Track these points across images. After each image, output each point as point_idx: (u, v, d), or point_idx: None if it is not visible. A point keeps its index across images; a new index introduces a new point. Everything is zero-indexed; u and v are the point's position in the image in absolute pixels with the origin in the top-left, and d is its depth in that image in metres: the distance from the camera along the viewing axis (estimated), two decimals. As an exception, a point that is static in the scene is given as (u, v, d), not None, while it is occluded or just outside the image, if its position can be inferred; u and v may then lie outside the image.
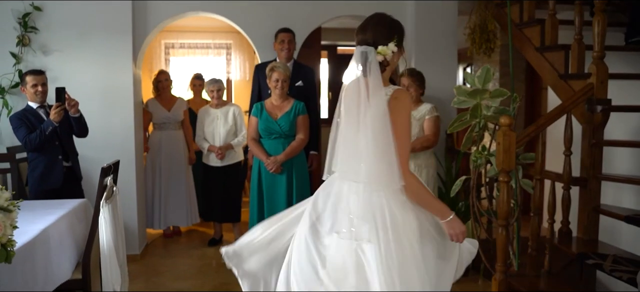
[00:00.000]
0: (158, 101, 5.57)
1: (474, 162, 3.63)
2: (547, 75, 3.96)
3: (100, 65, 4.70)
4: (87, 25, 4.65)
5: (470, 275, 4.50)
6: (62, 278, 3.14)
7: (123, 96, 4.76)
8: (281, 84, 4.22)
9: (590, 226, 3.54)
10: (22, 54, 4.55)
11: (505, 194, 3.26)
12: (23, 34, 4.53)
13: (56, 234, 3.11)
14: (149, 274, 4.57)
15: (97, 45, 4.68)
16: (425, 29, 5.11)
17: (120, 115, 4.76)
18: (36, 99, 3.96)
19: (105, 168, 3.23)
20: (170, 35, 8.13)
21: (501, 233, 3.31)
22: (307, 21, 5.13)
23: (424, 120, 4.11)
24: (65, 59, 4.64)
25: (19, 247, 2.63)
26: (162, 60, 8.16)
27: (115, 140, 4.74)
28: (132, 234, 4.86)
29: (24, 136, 3.83)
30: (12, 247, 1.73)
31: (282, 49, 4.66)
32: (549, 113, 3.44)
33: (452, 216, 2.20)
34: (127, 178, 4.76)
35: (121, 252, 3.45)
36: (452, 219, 2.19)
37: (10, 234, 1.68)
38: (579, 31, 3.61)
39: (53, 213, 3.26)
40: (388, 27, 2.22)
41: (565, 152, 3.44)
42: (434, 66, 5.03)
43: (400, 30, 2.23)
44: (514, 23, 4.28)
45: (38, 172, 3.91)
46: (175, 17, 5.01)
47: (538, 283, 3.28)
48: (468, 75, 3.66)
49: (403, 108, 2.15)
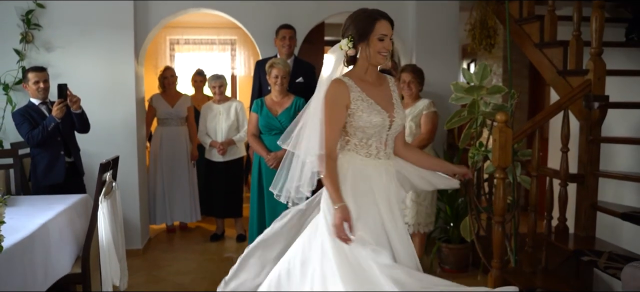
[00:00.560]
0: (162, 97, 5.62)
1: (471, 158, 3.63)
2: (546, 72, 3.95)
3: (102, 61, 4.75)
4: (89, 22, 4.70)
5: (470, 271, 4.53)
6: (62, 272, 3.19)
7: (125, 92, 4.81)
8: (281, 80, 4.24)
9: (588, 222, 3.53)
10: (26, 51, 4.61)
11: (501, 190, 3.27)
12: (26, 31, 4.58)
13: (56, 229, 3.16)
14: (150, 268, 4.63)
15: (99, 42, 4.72)
16: (426, 24, 5.11)
17: (122, 111, 4.81)
18: (38, 95, 4.02)
19: (104, 164, 3.27)
20: (175, 31, 8.17)
21: (497, 229, 3.31)
22: (308, 17, 5.16)
23: (421, 116, 4.11)
24: (68, 56, 4.69)
25: (18, 242, 2.70)
26: (167, 56, 8.21)
27: (117, 136, 4.79)
28: (134, 229, 4.91)
29: (27, 132, 3.88)
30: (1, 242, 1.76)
31: (283, 45, 4.67)
32: (545, 109, 3.43)
33: (337, 206, 2.28)
34: (129, 173, 4.81)
35: (120, 247, 3.49)
36: (337, 208, 2.27)
37: None
38: (577, 27, 3.60)
39: (54, 208, 3.31)
40: (345, 25, 2.39)
41: (562, 149, 3.44)
42: (435, 62, 5.04)
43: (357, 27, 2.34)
44: (514, 19, 4.27)
45: (41, 167, 3.97)
46: (176, 14, 5.04)
47: (534, 280, 3.28)
48: (465, 72, 3.66)
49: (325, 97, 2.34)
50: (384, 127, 2.39)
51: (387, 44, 2.35)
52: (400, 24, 5.26)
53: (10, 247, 2.61)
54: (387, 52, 2.37)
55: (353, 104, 2.32)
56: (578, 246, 3.39)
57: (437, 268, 4.63)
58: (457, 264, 4.53)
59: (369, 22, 2.32)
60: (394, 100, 2.47)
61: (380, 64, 2.45)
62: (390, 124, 2.41)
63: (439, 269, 4.61)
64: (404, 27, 5.26)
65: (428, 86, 4.99)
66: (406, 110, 4.17)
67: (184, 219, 5.75)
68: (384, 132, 2.41)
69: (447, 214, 4.59)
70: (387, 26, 2.35)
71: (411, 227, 4.15)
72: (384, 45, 2.34)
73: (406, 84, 4.19)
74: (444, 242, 4.55)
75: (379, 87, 2.45)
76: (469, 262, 4.54)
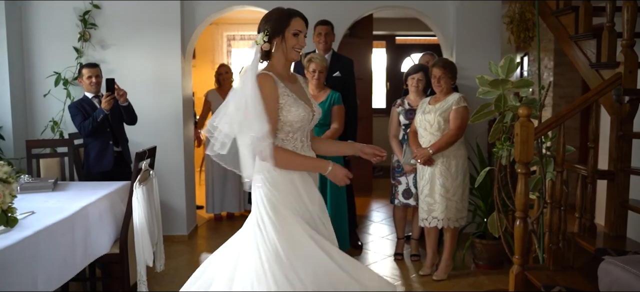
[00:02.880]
0: (218, 92, 5.95)
1: (495, 153, 3.59)
2: (580, 65, 3.82)
3: (151, 58, 5.07)
4: (140, 21, 5.02)
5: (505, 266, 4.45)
6: (101, 251, 3.48)
7: (172, 87, 5.10)
8: (317, 74, 4.37)
9: (618, 221, 3.41)
10: (83, 49, 5.00)
11: (523, 185, 3.22)
12: (84, 30, 4.97)
13: (96, 212, 3.45)
14: (193, 253, 4.89)
15: (148, 39, 5.04)
16: (467, 17, 5.07)
17: (169, 105, 5.11)
18: (91, 89, 4.36)
19: (140, 153, 3.53)
20: (232, 28, 8.49)
21: (519, 225, 3.27)
22: (348, 14, 5.24)
23: (450, 111, 4.08)
24: (121, 53, 5.05)
25: (60, 221, 3.00)
26: (224, 52, 8.55)
27: (164, 128, 5.10)
28: (180, 216, 5.21)
29: (79, 123, 4.24)
30: (13, 214, 2.01)
31: (319, 41, 4.78)
32: (572, 104, 3.34)
33: (331, 167, 2.45)
34: (175, 163, 5.12)
35: (156, 231, 3.74)
36: (332, 169, 2.45)
37: (10, 202, 1.96)
38: (611, 18, 3.46)
39: (97, 193, 3.60)
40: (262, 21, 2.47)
41: (590, 144, 3.34)
42: (476, 55, 4.99)
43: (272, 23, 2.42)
44: (551, 10, 4.15)
45: (92, 156, 4.31)
46: (221, 12, 5.28)
47: (556, 277, 3.21)
48: (492, 65, 3.62)
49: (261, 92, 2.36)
50: (308, 121, 2.48)
51: (302, 40, 2.45)
52: (441, 17, 5.24)
53: (52, 225, 2.92)
54: (301, 48, 2.46)
55: (281, 99, 2.41)
56: (606, 245, 3.28)
57: (471, 264, 4.59)
58: (490, 260, 4.47)
59: (285, 19, 2.42)
60: (308, 96, 2.58)
61: (295, 60, 2.53)
62: (312, 117, 2.51)
63: (473, 265, 4.57)
64: (444, 20, 5.23)
65: (467, 79, 4.95)
66: (436, 105, 4.17)
67: (232, 210, 6.03)
68: (307, 126, 2.51)
69: (481, 210, 4.54)
70: (302, 24, 2.45)
71: (441, 222, 4.15)
72: (298, 41, 2.43)
73: (436, 80, 4.16)
74: (478, 238, 4.50)
75: (295, 84, 2.55)
76: (503, 258, 4.47)
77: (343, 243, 4.50)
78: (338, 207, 4.40)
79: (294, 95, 2.45)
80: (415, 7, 5.22)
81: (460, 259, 4.53)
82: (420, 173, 4.26)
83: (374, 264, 4.68)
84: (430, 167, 4.14)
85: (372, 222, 6.08)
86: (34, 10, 5.02)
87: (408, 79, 4.56)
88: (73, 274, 3.14)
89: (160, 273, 4.01)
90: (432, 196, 4.15)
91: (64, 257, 3.04)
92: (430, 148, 4.08)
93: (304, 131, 2.52)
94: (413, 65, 4.66)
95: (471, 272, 4.45)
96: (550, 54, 6.06)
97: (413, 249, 4.78)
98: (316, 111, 2.56)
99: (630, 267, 2.18)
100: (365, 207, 6.73)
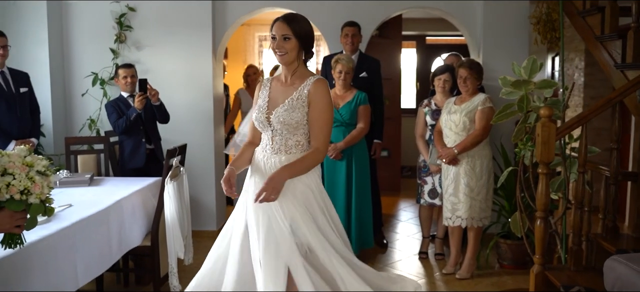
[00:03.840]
0: (247, 91, 6.14)
1: (517, 153, 3.61)
2: (606, 65, 3.81)
3: (184, 58, 5.25)
4: (173, 22, 5.21)
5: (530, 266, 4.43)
6: (134, 243, 3.66)
7: (204, 87, 5.27)
8: (344, 75, 4.46)
9: (641, 222, 3.40)
10: (119, 50, 5.22)
11: (544, 186, 3.24)
12: (120, 32, 5.19)
13: (129, 206, 3.63)
14: (222, 247, 5.03)
15: (181, 40, 5.22)
16: (494, 17, 5.08)
17: (201, 104, 5.27)
18: (126, 89, 4.56)
19: (171, 150, 3.69)
20: (264, 29, 8.63)
21: (539, 225, 3.30)
22: (375, 14, 5.30)
23: (476, 111, 4.12)
24: (155, 53, 5.24)
25: (95, 213, 3.19)
26: (255, 52, 8.70)
27: (196, 127, 5.27)
28: (210, 212, 5.37)
29: (114, 121, 4.44)
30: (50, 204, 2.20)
31: (346, 42, 4.86)
32: (595, 105, 3.34)
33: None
34: (205, 160, 5.29)
35: (186, 225, 3.89)
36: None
37: (47, 193, 2.15)
38: (637, 18, 3.44)
39: (130, 188, 3.78)
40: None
41: (612, 145, 3.33)
42: (504, 56, 4.99)
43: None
44: (578, 11, 4.13)
45: (125, 153, 4.50)
46: (252, 13, 5.44)
47: (576, 278, 3.22)
48: (515, 66, 3.63)
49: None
50: (263, 124, 2.57)
51: (278, 43, 2.49)
52: (467, 17, 5.26)
53: (88, 217, 3.12)
54: (279, 50, 2.50)
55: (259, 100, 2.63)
56: (628, 246, 3.27)
57: (495, 264, 4.61)
58: (515, 260, 4.48)
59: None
60: (288, 100, 2.54)
61: (280, 63, 2.59)
62: (267, 120, 2.56)
63: (497, 265, 4.58)
64: (471, 21, 5.25)
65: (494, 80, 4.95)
66: (461, 105, 4.21)
67: (262, 206, 6.17)
68: (267, 129, 2.58)
69: (505, 210, 4.55)
70: (278, 26, 2.49)
71: (464, 221, 4.19)
72: (275, 44, 2.51)
73: (462, 80, 4.20)
74: (502, 238, 4.51)
75: (290, 87, 2.58)
76: (527, 258, 4.47)
77: (367, 241, 4.59)
78: (362, 206, 4.49)
79: (263, 97, 2.61)
80: (442, 8, 5.26)
81: (485, 259, 4.55)
82: (444, 172, 4.31)
83: (399, 262, 4.75)
84: (455, 167, 4.18)
85: (399, 221, 6.13)
86: (72, 10, 5.24)
87: (435, 79, 4.60)
88: (110, 264, 3.33)
89: (189, 266, 4.15)
90: (457, 195, 4.19)
91: (100, 248, 3.22)
92: (456, 148, 4.12)
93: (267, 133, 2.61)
94: (440, 66, 4.70)
95: (495, 272, 4.46)
96: (581, 54, 5.99)
97: (437, 247, 4.82)
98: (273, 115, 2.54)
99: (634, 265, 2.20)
100: (393, 206, 6.78)
